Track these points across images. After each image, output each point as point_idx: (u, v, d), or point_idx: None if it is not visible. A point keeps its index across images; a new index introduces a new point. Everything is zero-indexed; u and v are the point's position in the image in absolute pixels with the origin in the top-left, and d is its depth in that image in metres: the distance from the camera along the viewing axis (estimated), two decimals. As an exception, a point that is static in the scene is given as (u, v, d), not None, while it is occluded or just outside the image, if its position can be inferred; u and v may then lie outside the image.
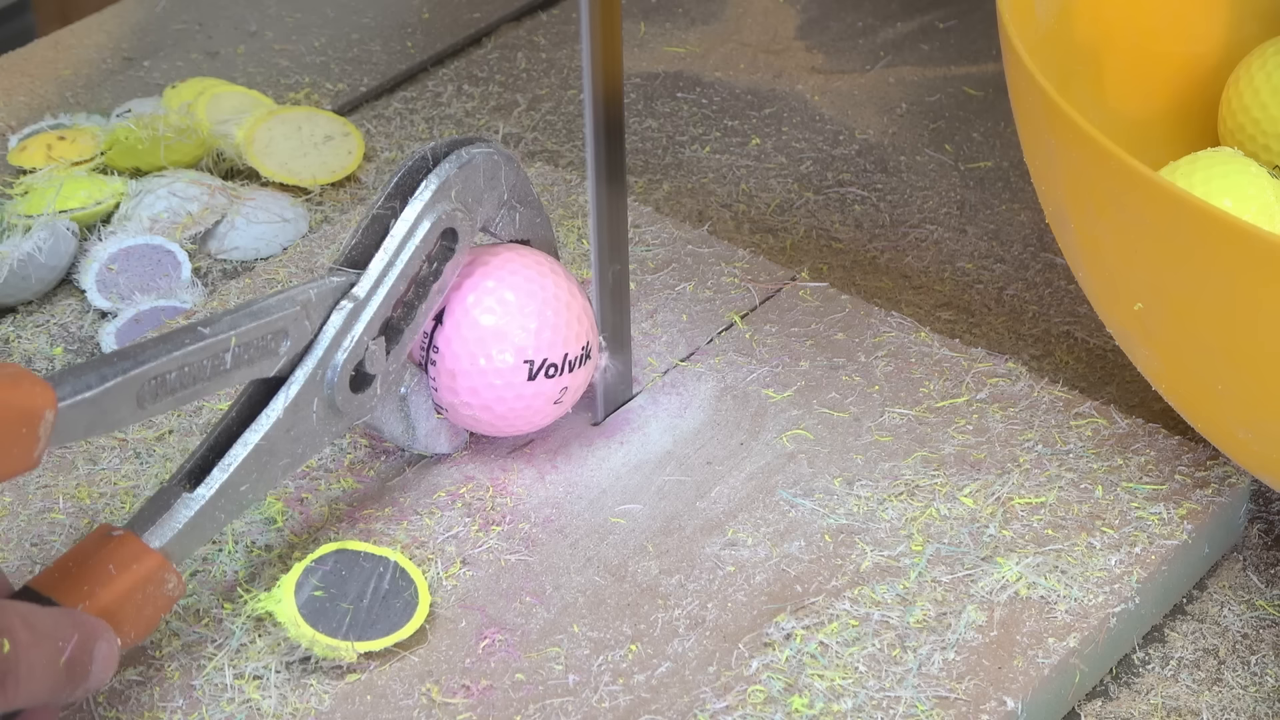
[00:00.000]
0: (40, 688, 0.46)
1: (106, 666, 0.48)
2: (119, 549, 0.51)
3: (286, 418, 0.55)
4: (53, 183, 0.74)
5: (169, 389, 0.51)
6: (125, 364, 0.50)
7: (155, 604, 0.51)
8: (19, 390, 0.46)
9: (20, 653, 0.45)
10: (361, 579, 0.55)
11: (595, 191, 0.58)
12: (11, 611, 0.45)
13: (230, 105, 0.79)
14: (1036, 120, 0.54)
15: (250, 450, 0.54)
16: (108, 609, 0.50)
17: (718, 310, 0.67)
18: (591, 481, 0.60)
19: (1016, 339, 0.69)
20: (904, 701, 0.52)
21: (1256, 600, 0.58)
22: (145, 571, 0.51)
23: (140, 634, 0.51)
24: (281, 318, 0.54)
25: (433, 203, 0.57)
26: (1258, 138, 0.64)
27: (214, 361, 0.52)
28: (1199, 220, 0.48)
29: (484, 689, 0.53)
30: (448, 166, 0.57)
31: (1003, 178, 0.78)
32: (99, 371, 0.49)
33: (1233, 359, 0.51)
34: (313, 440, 0.56)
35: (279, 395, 0.55)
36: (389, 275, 0.56)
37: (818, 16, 0.89)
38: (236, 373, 0.53)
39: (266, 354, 0.54)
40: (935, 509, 0.58)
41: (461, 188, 0.57)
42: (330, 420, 0.56)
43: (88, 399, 0.48)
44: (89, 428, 0.49)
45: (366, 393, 0.57)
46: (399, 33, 0.87)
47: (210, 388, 0.52)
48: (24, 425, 0.46)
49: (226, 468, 0.53)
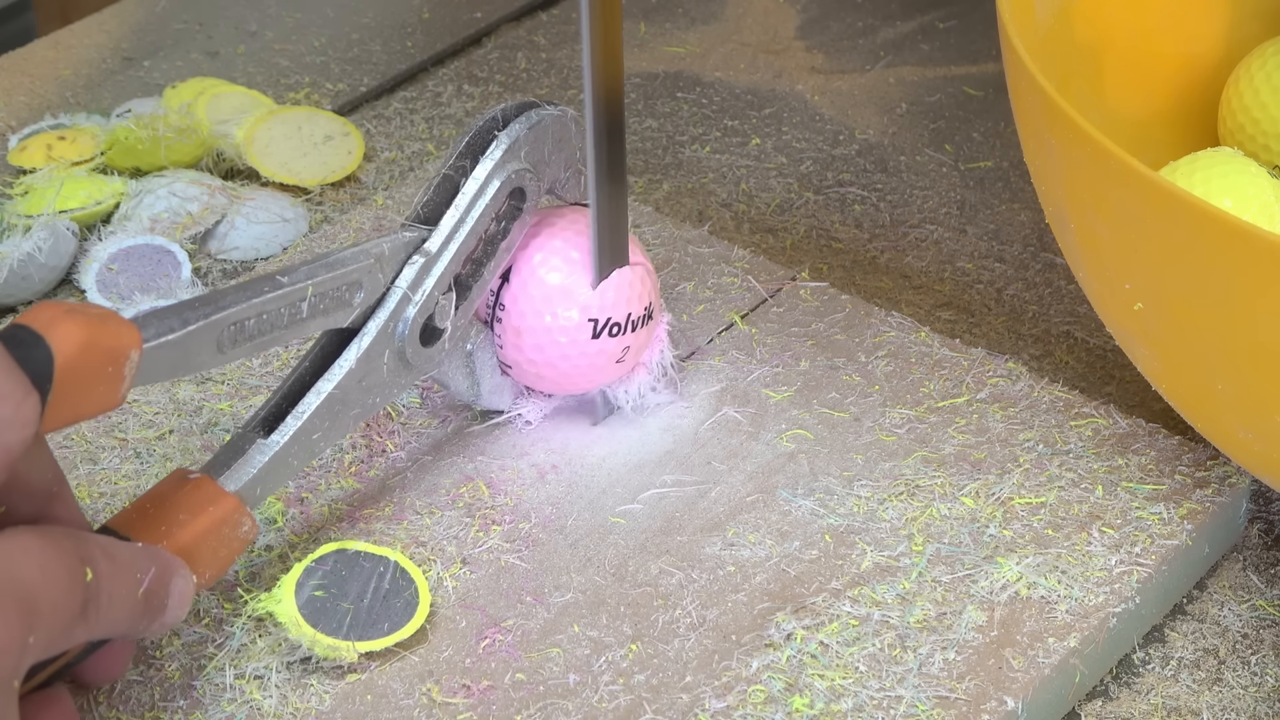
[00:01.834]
0: (120, 617, 0.47)
1: (182, 603, 0.49)
2: (195, 491, 0.52)
3: (359, 368, 0.56)
4: (53, 183, 0.74)
5: (247, 335, 0.52)
6: (207, 309, 0.51)
7: (230, 546, 0.52)
8: (106, 329, 0.47)
9: (101, 582, 0.46)
10: (362, 579, 0.55)
11: (595, 191, 0.58)
12: (93, 542, 0.46)
13: (230, 105, 0.79)
14: (1036, 120, 0.54)
15: (323, 399, 0.55)
16: (184, 549, 0.51)
17: (718, 310, 0.67)
18: (591, 481, 0.60)
19: (1016, 339, 0.69)
20: (904, 701, 0.52)
21: (1256, 600, 0.58)
22: (221, 513, 0.52)
23: (214, 575, 0.52)
24: (356, 269, 0.55)
25: (503, 162, 0.58)
26: (1257, 138, 0.64)
27: (290, 310, 0.53)
28: (1199, 220, 0.48)
29: (484, 689, 0.53)
30: (518, 127, 0.58)
31: (1003, 178, 0.78)
32: (181, 315, 0.50)
33: (1233, 359, 0.51)
34: (383, 391, 0.57)
35: (352, 346, 0.56)
36: (459, 232, 0.57)
37: (818, 16, 0.89)
38: (312, 322, 0.54)
39: (341, 305, 0.55)
40: (935, 509, 0.58)
41: (530, 148, 0.58)
42: (400, 372, 0.57)
43: (171, 341, 0.50)
44: (171, 369, 0.50)
45: (435, 346, 0.58)
46: (399, 33, 0.87)
47: (286, 336, 0.54)
48: (110, 364, 0.47)
49: (300, 415, 0.55)
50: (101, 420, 0.63)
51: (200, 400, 0.63)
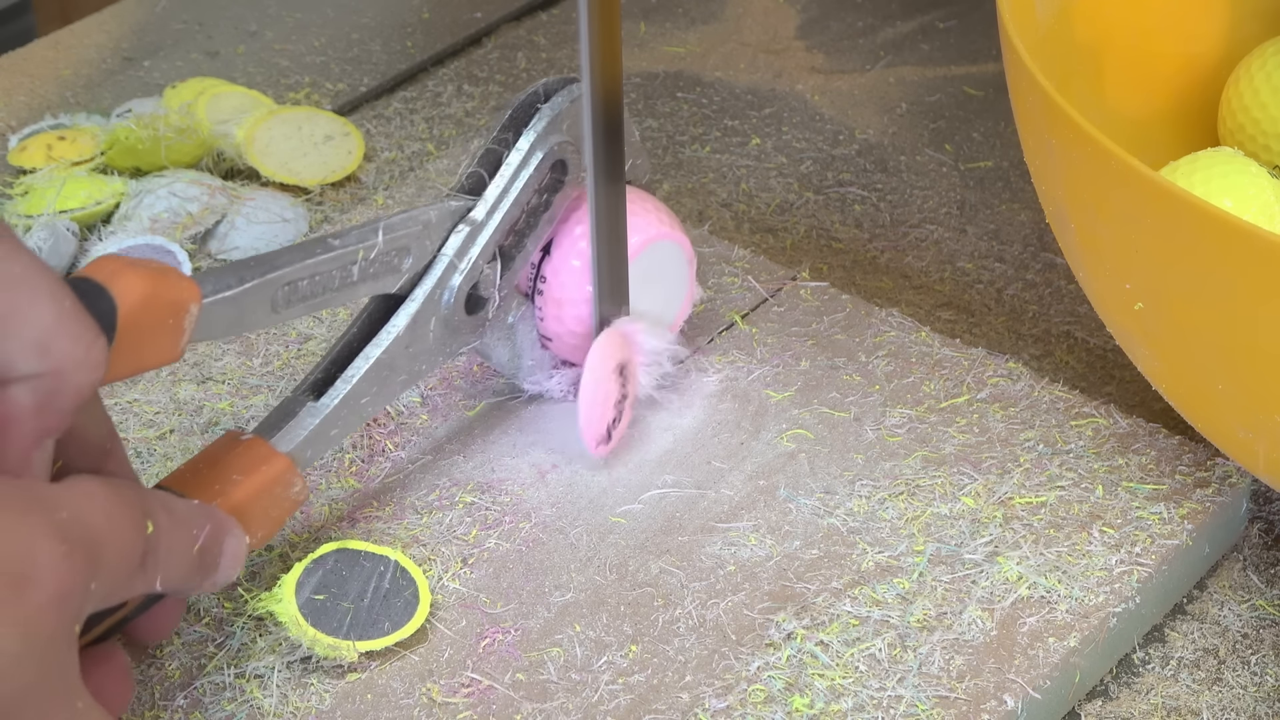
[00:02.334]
0: (176, 572, 0.47)
1: (234, 561, 0.50)
2: (248, 451, 0.53)
3: (406, 334, 0.57)
4: (53, 183, 0.74)
5: (300, 296, 0.54)
6: (262, 268, 0.52)
7: (281, 506, 0.53)
8: (167, 282, 0.48)
9: (161, 535, 0.46)
10: (362, 578, 0.55)
11: (595, 191, 0.58)
12: (153, 496, 0.47)
13: (230, 105, 0.79)
14: (1037, 120, 0.54)
15: (371, 364, 0.56)
16: (237, 508, 0.52)
17: (718, 310, 0.67)
18: (591, 481, 0.60)
19: (1016, 339, 0.69)
20: (904, 701, 0.52)
21: (1256, 600, 0.58)
22: (274, 473, 0.53)
23: (267, 534, 0.53)
24: (405, 235, 0.56)
25: (545, 134, 0.59)
26: (1258, 138, 0.64)
27: (342, 273, 0.55)
28: (1199, 220, 0.48)
29: (484, 689, 0.53)
30: (560, 100, 0.59)
31: (1003, 178, 0.78)
32: (238, 274, 0.52)
33: (1233, 359, 0.51)
34: (429, 358, 0.58)
35: (400, 311, 0.57)
36: (504, 202, 0.58)
37: (818, 16, 0.89)
38: (362, 285, 0.56)
39: (390, 270, 0.56)
40: (936, 508, 0.58)
41: (572, 122, 0.59)
42: (446, 339, 0.58)
43: (228, 297, 0.51)
44: (229, 327, 0.52)
45: (479, 315, 0.59)
46: (399, 33, 0.87)
47: (338, 298, 0.55)
48: (171, 316, 0.48)
49: (349, 379, 0.56)
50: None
51: (201, 400, 0.63)
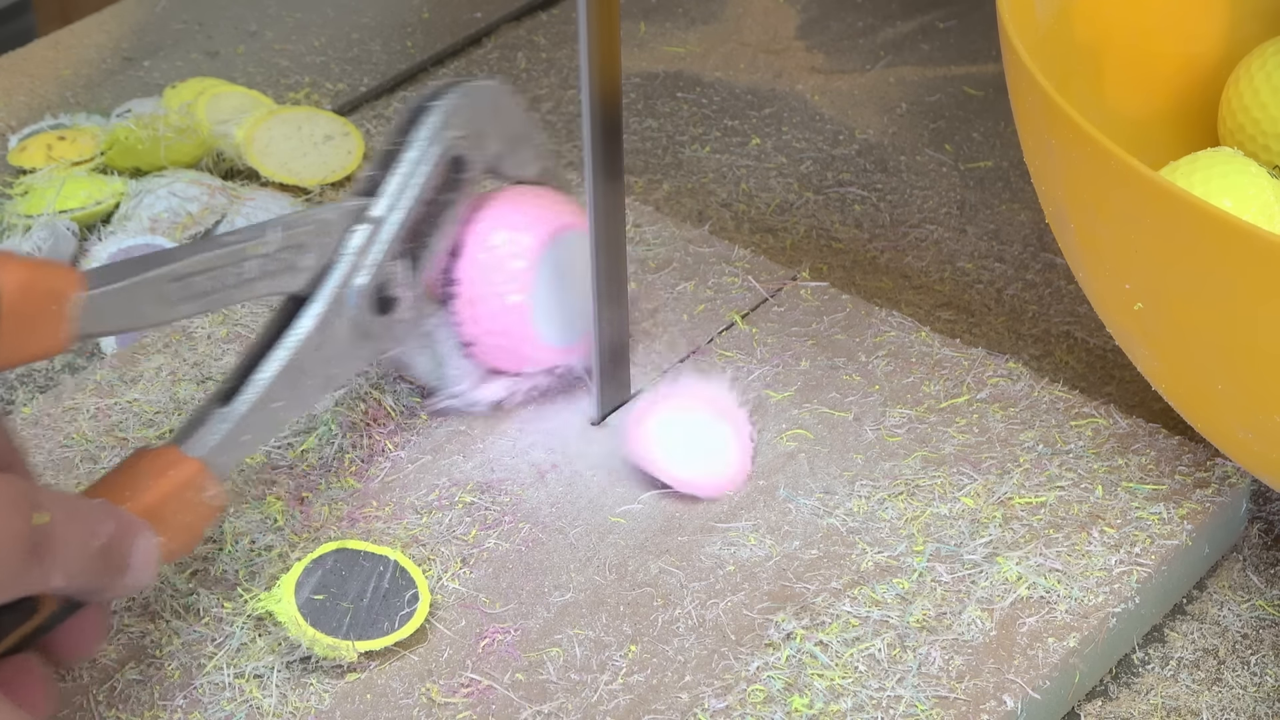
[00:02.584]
0: (78, 568, 0.46)
1: (146, 563, 0.49)
2: (157, 459, 0.53)
3: (315, 336, 0.57)
4: (53, 183, 0.74)
5: (196, 292, 0.54)
6: (153, 262, 0.53)
7: (196, 511, 0.53)
8: (47, 271, 0.49)
9: (56, 528, 0.46)
10: (362, 578, 0.55)
11: (593, 191, 0.58)
12: (47, 492, 0.47)
13: (230, 105, 0.79)
14: (1036, 120, 0.54)
15: (280, 365, 0.56)
16: (147, 511, 0.51)
17: (718, 310, 0.67)
18: (591, 481, 0.60)
19: (1016, 339, 0.69)
20: (904, 701, 0.52)
21: (1256, 600, 0.58)
22: (182, 476, 0.52)
23: (184, 542, 0.52)
24: (302, 232, 0.56)
25: (439, 130, 0.59)
26: (1258, 138, 0.64)
27: (237, 269, 0.55)
28: (1199, 220, 0.48)
29: (484, 689, 0.53)
30: (452, 98, 0.60)
31: (1003, 178, 0.78)
32: (128, 268, 0.52)
33: (1233, 359, 0.51)
34: (343, 361, 0.58)
35: (305, 313, 0.57)
36: (402, 199, 0.58)
37: (818, 16, 0.89)
38: (260, 283, 0.56)
39: (288, 268, 0.56)
40: (935, 509, 0.58)
41: (467, 117, 0.60)
42: (358, 342, 0.58)
43: (116, 289, 0.51)
44: (121, 320, 0.52)
45: (391, 316, 0.59)
46: (399, 33, 0.87)
47: (237, 295, 0.55)
48: (53, 303, 0.49)
49: (258, 383, 0.55)
50: (101, 420, 0.63)
51: (201, 399, 0.63)
